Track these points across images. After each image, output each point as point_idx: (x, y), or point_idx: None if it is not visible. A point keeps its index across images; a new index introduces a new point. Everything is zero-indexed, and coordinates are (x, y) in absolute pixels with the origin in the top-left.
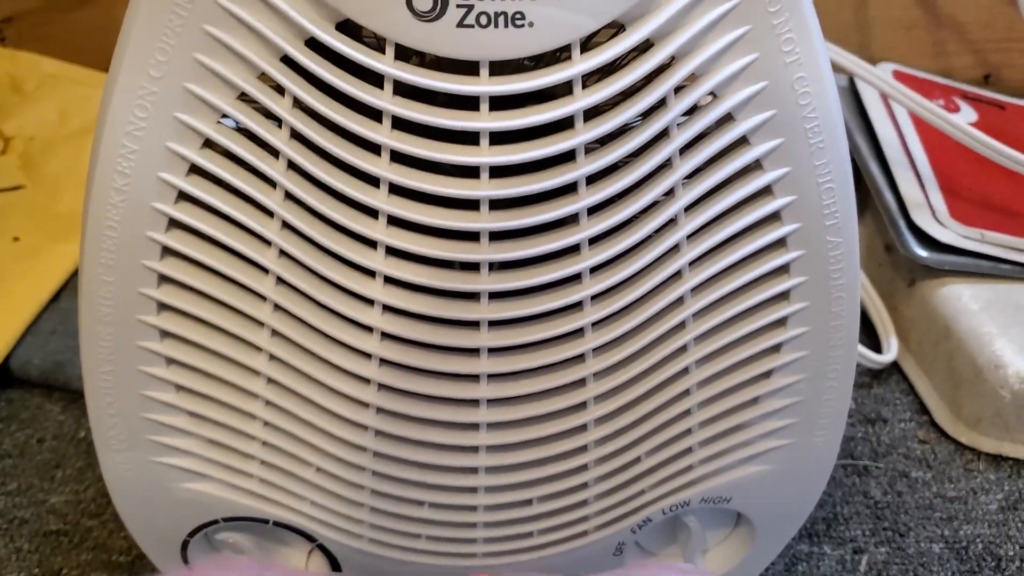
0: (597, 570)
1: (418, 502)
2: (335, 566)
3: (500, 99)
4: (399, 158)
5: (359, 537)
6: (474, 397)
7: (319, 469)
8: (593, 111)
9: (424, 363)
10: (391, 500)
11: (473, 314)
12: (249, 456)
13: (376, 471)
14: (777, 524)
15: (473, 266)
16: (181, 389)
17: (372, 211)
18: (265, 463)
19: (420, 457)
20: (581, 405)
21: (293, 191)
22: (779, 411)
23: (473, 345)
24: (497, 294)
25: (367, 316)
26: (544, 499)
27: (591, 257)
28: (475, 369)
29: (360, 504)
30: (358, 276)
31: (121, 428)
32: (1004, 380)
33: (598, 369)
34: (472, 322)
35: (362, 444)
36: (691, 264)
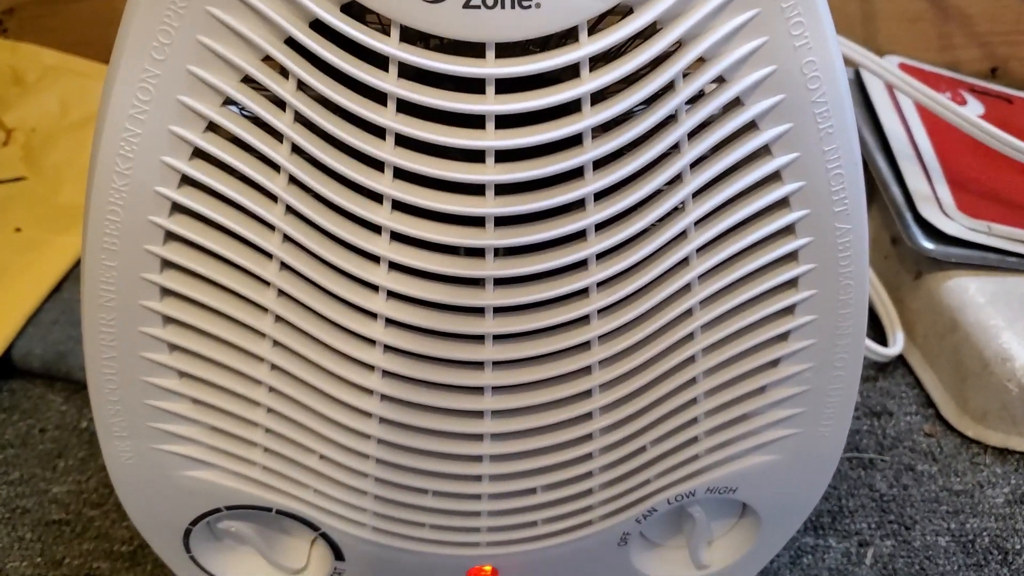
0: (601, 559)
1: (422, 490)
2: (338, 555)
3: (506, 82)
4: (404, 142)
5: (363, 526)
6: (478, 384)
7: (323, 457)
8: (600, 95)
9: (428, 350)
10: (395, 488)
11: (478, 300)
12: (252, 444)
13: (380, 459)
14: (783, 515)
15: (478, 252)
16: (184, 376)
17: (377, 196)
18: (268, 451)
19: (424, 445)
20: (586, 393)
21: (297, 175)
22: (786, 400)
23: (478, 332)
24: (502, 280)
25: (372, 303)
26: (548, 488)
27: (597, 244)
28: (480, 356)
29: (364, 492)
30: (363, 263)
31: (123, 415)
32: (1011, 373)
33: (603, 357)
34: (477, 309)
35: (366, 432)
36: (698, 251)
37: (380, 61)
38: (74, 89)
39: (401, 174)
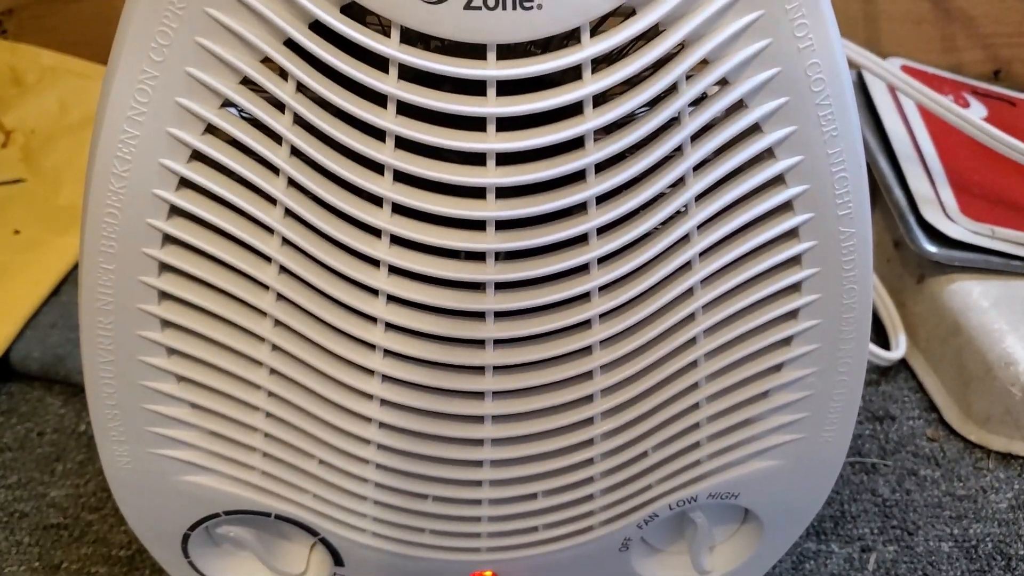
0: (603, 565)
1: (422, 495)
2: (338, 560)
3: (507, 84)
4: (404, 144)
5: (362, 531)
6: (479, 389)
7: (322, 462)
8: (602, 97)
9: (429, 355)
10: (395, 493)
11: (479, 305)
12: (251, 448)
13: (380, 464)
14: (785, 521)
15: (479, 255)
16: (182, 380)
17: (377, 200)
18: (267, 455)
19: (424, 450)
20: (588, 398)
21: (296, 178)
22: (789, 405)
23: (478, 337)
24: (503, 284)
25: (371, 307)
26: (549, 493)
27: (599, 247)
28: (480, 361)
29: (363, 497)
30: (362, 267)
31: (121, 419)
32: (1015, 377)
33: (605, 362)
34: (477, 313)
35: (366, 436)
36: (701, 255)
37: (380, 63)
38: (73, 90)
39: (401, 177)
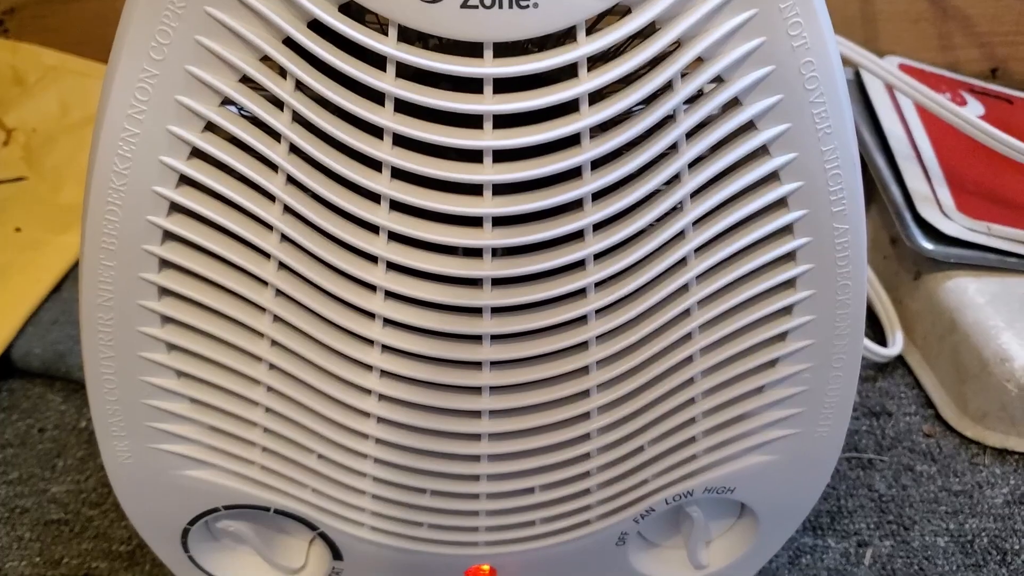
0: (599, 559)
1: (420, 490)
2: (336, 555)
3: (504, 82)
4: (402, 141)
5: (361, 525)
6: (476, 384)
7: (321, 456)
8: (598, 95)
9: (426, 349)
10: (393, 488)
11: (476, 300)
12: (250, 443)
13: (378, 458)
14: (781, 516)
15: (476, 252)
16: (182, 375)
17: (375, 196)
18: (266, 450)
19: (422, 444)
20: (584, 393)
21: (295, 175)
22: (784, 400)
23: (475, 332)
24: (500, 281)
25: (369, 303)
26: (546, 488)
27: (595, 244)
28: (477, 356)
29: (362, 492)
30: (360, 262)
31: (121, 415)
32: (1010, 374)
33: (601, 357)
34: (475, 309)
35: (364, 431)
36: (696, 251)
37: (378, 61)
38: (74, 89)
39: (399, 174)
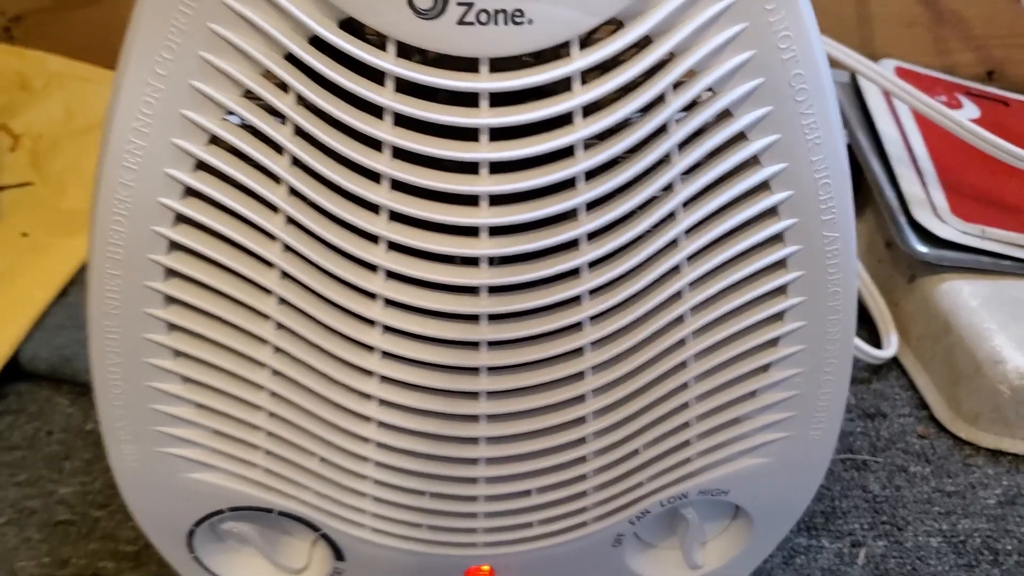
0: (596, 559)
1: (420, 492)
2: (338, 555)
3: (500, 95)
4: (400, 154)
5: (362, 526)
6: (474, 389)
7: (323, 459)
8: (592, 107)
9: (424, 355)
10: (393, 490)
11: (473, 308)
12: (254, 446)
13: (378, 461)
14: (775, 517)
15: (473, 261)
16: (188, 380)
17: (374, 207)
18: (270, 453)
19: (421, 448)
20: (579, 398)
21: (297, 187)
22: (776, 405)
23: (473, 339)
24: (497, 288)
25: (369, 310)
26: (543, 490)
27: (589, 252)
28: (475, 362)
29: (363, 494)
30: (361, 271)
31: (128, 419)
32: (1003, 376)
33: (597, 363)
34: (472, 316)
35: (365, 435)
36: (689, 259)
37: (377, 75)
38: (80, 95)
39: (398, 185)
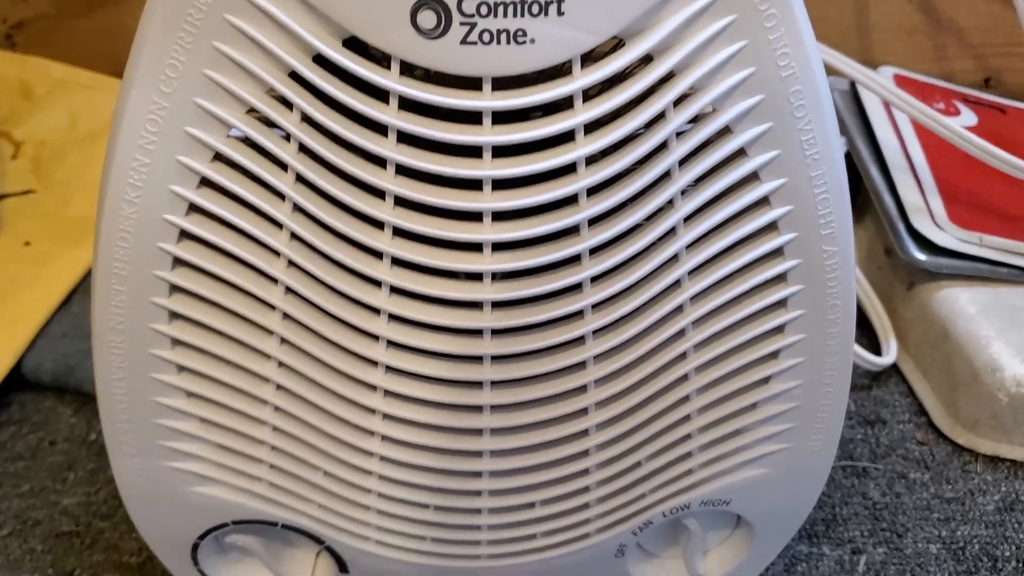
0: (599, 570)
1: (423, 504)
2: (342, 567)
3: (503, 112)
4: (404, 171)
5: (366, 539)
6: (478, 404)
7: (327, 473)
8: (594, 124)
9: (429, 370)
10: (397, 503)
11: (476, 323)
12: (258, 460)
13: (382, 475)
14: (776, 526)
15: (476, 276)
16: (192, 395)
17: (379, 224)
18: (274, 467)
19: (425, 461)
20: (582, 411)
21: (301, 203)
22: (777, 416)
23: (476, 353)
24: (500, 303)
25: (374, 326)
26: (546, 502)
27: (592, 267)
28: (478, 376)
29: (367, 507)
30: (365, 286)
31: (133, 433)
32: (1001, 383)
33: (599, 376)
34: (475, 330)
35: (369, 449)
36: (690, 273)
37: (381, 93)
38: (83, 102)
39: (402, 202)
